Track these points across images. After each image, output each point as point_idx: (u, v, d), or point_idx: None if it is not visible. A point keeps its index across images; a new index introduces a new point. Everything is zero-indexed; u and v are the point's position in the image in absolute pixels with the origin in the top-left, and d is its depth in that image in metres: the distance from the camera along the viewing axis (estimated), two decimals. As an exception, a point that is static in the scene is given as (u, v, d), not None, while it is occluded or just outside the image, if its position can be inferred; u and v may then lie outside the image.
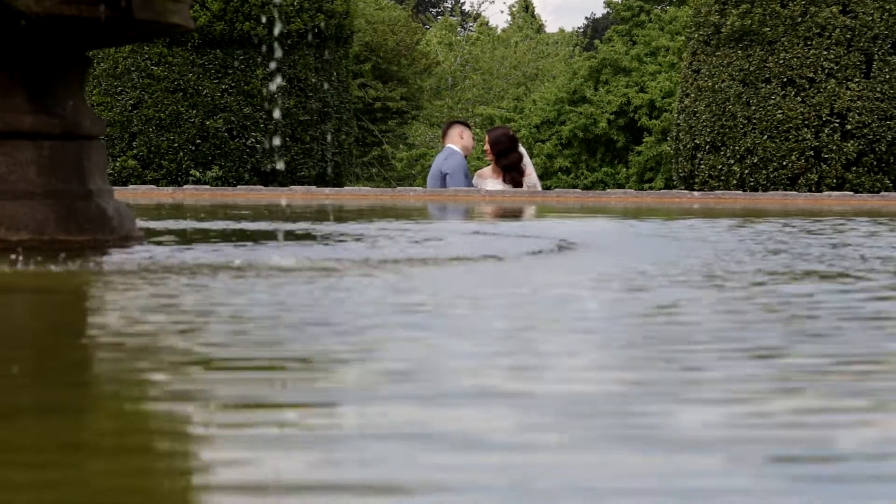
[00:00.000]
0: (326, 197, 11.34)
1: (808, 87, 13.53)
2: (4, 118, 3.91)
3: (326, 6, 15.12)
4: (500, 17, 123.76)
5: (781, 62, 13.57)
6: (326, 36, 15.17)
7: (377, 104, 24.48)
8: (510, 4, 36.22)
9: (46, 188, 3.90)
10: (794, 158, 13.49)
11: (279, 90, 14.88)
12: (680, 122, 14.44)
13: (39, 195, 3.88)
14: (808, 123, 13.47)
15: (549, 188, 16.66)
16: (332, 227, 5.95)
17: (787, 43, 13.58)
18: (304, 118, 15.06)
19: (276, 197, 11.03)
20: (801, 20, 13.57)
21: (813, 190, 13.24)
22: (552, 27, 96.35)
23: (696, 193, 12.16)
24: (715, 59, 13.93)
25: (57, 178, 3.93)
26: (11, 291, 3.12)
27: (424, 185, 19.54)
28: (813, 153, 13.50)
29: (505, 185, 10.81)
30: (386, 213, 8.37)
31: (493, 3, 69.55)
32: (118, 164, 14.60)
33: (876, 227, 6.38)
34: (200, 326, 2.44)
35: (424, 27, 33.36)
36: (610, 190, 14.77)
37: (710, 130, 13.90)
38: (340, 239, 4.89)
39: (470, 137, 11.17)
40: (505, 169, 10.85)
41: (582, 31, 43.01)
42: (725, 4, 13.95)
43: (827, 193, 12.20)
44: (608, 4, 24.47)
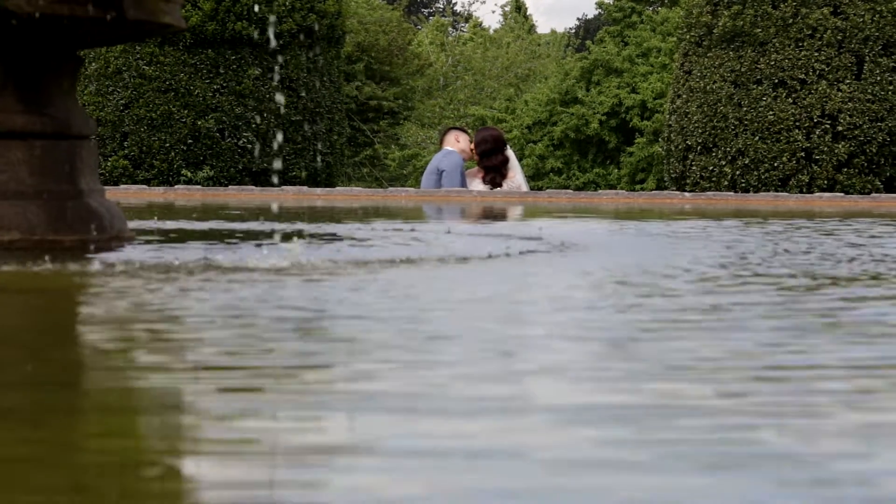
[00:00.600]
0: (318, 197, 11.35)
1: (799, 88, 13.55)
2: (-5, 118, 3.91)
3: (318, 6, 15.12)
4: (492, 17, 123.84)
5: (773, 63, 13.59)
6: (318, 36, 15.17)
7: (372, 103, 24.48)
8: (502, 5, 36.24)
9: (37, 188, 3.89)
10: (785, 160, 13.51)
11: (271, 90, 14.87)
12: (671, 123, 14.45)
13: (30, 195, 3.87)
14: (799, 125, 13.50)
15: (540, 189, 16.67)
16: (325, 228, 5.95)
17: (778, 44, 13.60)
18: (295, 118, 15.05)
19: (267, 197, 11.04)
20: (792, 21, 13.59)
21: (804, 191, 13.26)
22: (544, 28, 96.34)
23: (687, 194, 12.18)
24: (706, 60, 13.94)
25: (48, 178, 3.92)
26: (0, 291, 3.12)
27: (416, 185, 19.57)
28: (804, 154, 13.53)
29: (485, 185, 10.97)
30: (378, 213, 8.37)
31: (484, 2, 69.50)
32: (109, 163, 14.58)
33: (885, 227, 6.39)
34: (185, 326, 2.44)
35: (416, 28, 33.37)
36: (601, 191, 14.78)
37: (701, 131, 13.92)
38: (332, 240, 4.89)
39: (466, 141, 11.28)
40: (486, 169, 11.01)
41: (574, 31, 43.04)
42: (717, 6, 13.97)
43: (818, 195, 12.22)
44: (600, 5, 24.49)
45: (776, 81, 13.60)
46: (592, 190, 18.37)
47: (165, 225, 5.87)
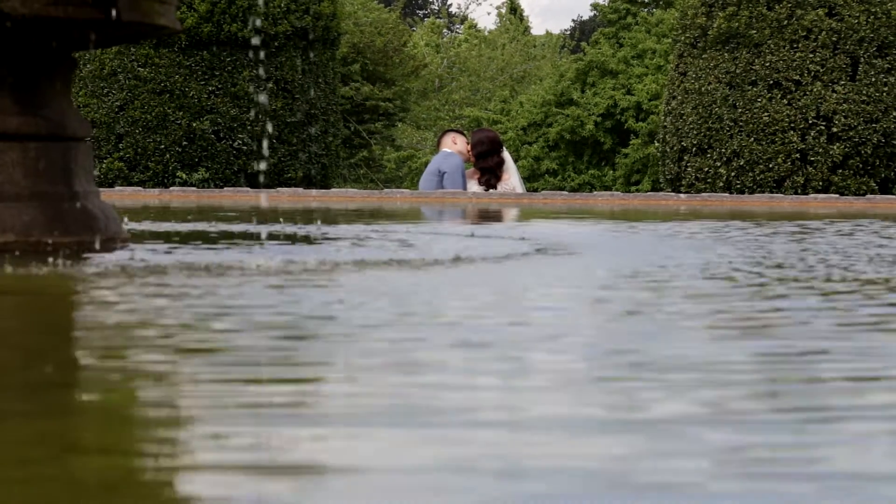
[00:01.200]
0: (313, 199, 11.35)
1: (794, 89, 13.56)
2: (-10, 120, 3.90)
3: (313, 8, 15.12)
4: (487, 19, 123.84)
5: (768, 65, 13.60)
6: (313, 38, 15.16)
7: (368, 104, 24.47)
8: (497, 6, 36.24)
9: (33, 190, 3.89)
10: (780, 161, 13.52)
11: (266, 92, 14.87)
12: (666, 124, 14.46)
13: (26, 197, 3.87)
14: (794, 126, 13.51)
15: (536, 190, 16.68)
16: (321, 229, 5.95)
17: (773, 45, 13.61)
18: (290, 120, 15.05)
19: (262, 199, 11.04)
20: (787, 23, 13.60)
21: (799, 192, 13.27)
22: (539, 29, 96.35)
23: (682, 196, 12.18)
24: (701, 61, 13.95)
25: (43, 179, 3.92)
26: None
27: (412, 186, 19.56)
28: (799, 156, 13.53)
29: (479, 186, 11.05)
30: (374, 215, 8.37)
31: (479, 4, 69.47)
32: (105, 165, 14.58)
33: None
34: (180, 327, 2.44)
35: (412, 29, 33.37)
36: (597, 192, 14.78)
37: (696, 133, 13.92)
38: (327, 241, 4.89)
39: (463, 143, 11.33)
40: (483, 171, 11.11)
41: (569, 33, 43.06)
42: (712, 7, 13.98)
43: (813, 196, 12.24)
44: (595, 7, 24.50)
45: (771, 83, 13.61)
46: (588, 191, 18.37)
47: (160, 227, 5.87)
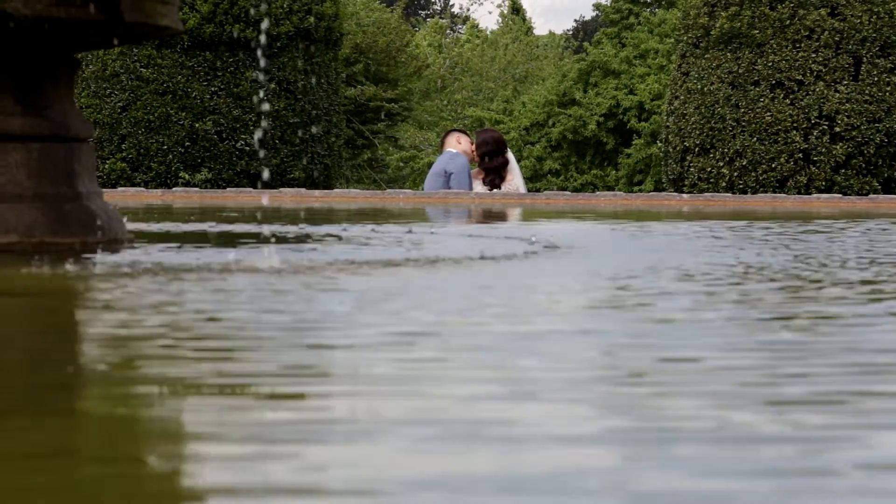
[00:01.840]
0: (316, 199, 11.36)
1: (796, 89, 13.56)
2: (-7, 120, 3.91)
3: (316, 8, 15.12)
4: (489, 18, 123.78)
5: (770, 65, 13.60)
6: (316, 38, 15.17)
7: (372, 104, 24.46)
8: (498, 4, 36.24)
9: (35, 191, 3.89)
10: (783, 161, 13.51)
11: (268, 92, 14.87)
12: (669, 124, 14.46)
13: (28, 198, 3.87)
14: (796, 126, 13.50)
15: (538, 191, 16.68)
16: (322, 229, 5.95)
17: (775, 45, 13.61)
18: (293, 120, 15.06)
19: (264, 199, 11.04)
20: (789, 23, 13.60)
21: (802, 192, 13.26)
22: (541, 30, 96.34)
23: (685, 196, 12.18)
24: (704, 61, 13.95)
25: (46, 180, 3.92)
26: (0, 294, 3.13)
27: (415, 187, 19.56)
28: (802, 156, 13.53)
29: (484, 186, 11.11)
30: (376, 215, 8.38)
31: (481, 4, 69.53)
32: (107, 166, 14.58)
33: None
34: (185, 326, 2.44)
35: (414, 29, 33.37)
36: (599, 192, 14.78)
37: (699, 133, 13.92)
38: (326, 241, 4.89)
39: (467, 143, 11.36)
40: (487, 171, 11.17)
41: (571, 33, 43.05)
42: (714, 7, 13.98)
43: (816, 196, 12.23)
44: (597, 7, 24.49)
45: (773, 83, 13.61)
46: (590, 191, 18.37)
47: (163, 227, 5.88)
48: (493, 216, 8.98)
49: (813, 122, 13.48)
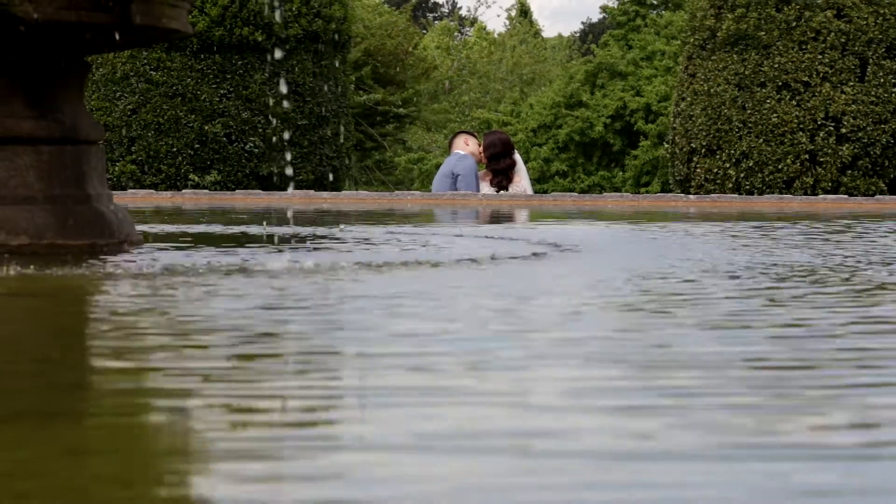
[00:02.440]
0: (324, 201, 11.39)
1: (803, 90, 13.57)
2: (4, 123, 3.94)
3: (324, 12, 15.16)
4: (497, 21, 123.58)
5: (776, 66, 13.61)
6: (324, 41, 15.20)
7: (380, 108, 24.48)
8: (507, 8, 36.24)
9: (46, 193, 3.93)
10: (789, 162, 13.53)
11: (277, 95, 14.90)
12: (676, 125, 14.47)
13: (39, 200, 3.91)
14: (803, 127, 13.52)
15: (545, 192, 16.70)
16: (327, 231, 5.98)
17: (782, 47, 13.63)
18: (302, 123, 15.09)
19: (273, 201, 11.09)
20: (795, 24, 13.61)
21: (808, 193, 13.28)
22: (549, 32, 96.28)
23: (692, 197, 12.20)
24: (710, 63, 13.97)
25: (56, 182, 3.96)
26: (10, 295, 3.16)
27: (422, 188, 19.58)
28: (808, 157, 13.54)
29: (491, 188, 11.15)
30: (383, 216, 8.41)
31: (489, 7, 69.51)
32: (117, 168, 14.63)
33: None
34: (194, 329, 2.47)
35: (422, 32, 33.37)
36: (606, 193, 14.81)
37: (705, 134, 13.94)
38: (329, 243, 4.93)
39: (475, 144, 11.40)
40: (494, 173, 11.21)
41: (579, 35, 43.03)
42: (721, 9, 14.00)
43: (822, 197, 12.25)
44: (604, 9, 24.50)
45: (780, 84, 13.62)
46: (597, 193, 18.39)
47: (173, 229, 5.91)
48: (507, 218, 9.00)
49: (819, 123, 13.49)
